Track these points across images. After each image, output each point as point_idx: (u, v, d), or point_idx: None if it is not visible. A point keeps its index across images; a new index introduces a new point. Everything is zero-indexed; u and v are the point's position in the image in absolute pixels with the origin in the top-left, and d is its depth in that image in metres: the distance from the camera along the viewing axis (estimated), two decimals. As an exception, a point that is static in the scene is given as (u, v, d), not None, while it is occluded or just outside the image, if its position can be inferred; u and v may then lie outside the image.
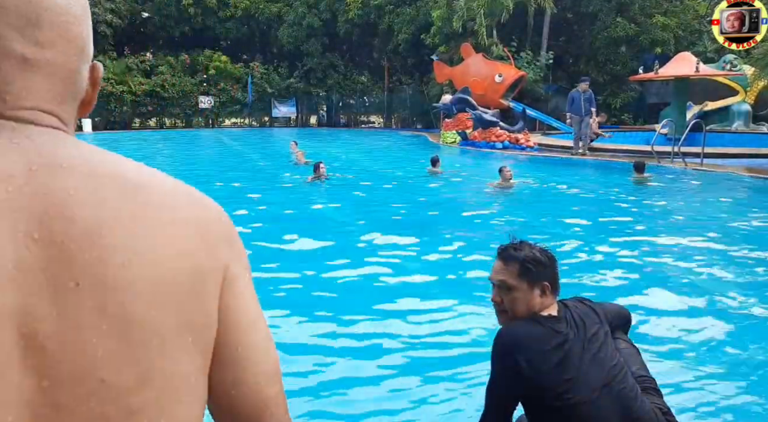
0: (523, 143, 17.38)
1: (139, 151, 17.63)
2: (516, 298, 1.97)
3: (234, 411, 0.71)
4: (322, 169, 10.66)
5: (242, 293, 0.72)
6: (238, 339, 0.70)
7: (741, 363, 3.40)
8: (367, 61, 34.97)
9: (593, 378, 1.86)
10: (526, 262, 1.96)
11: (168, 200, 0.66)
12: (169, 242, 0.63)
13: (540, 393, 1.88)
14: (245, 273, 0.73)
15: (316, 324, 3.97)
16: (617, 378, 1.90)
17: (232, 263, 0.70)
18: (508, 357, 1.87)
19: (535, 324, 1.93)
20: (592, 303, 2.13)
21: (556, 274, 2.03)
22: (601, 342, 1.95)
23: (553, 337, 1.89)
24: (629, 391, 1.90)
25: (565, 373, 1.85)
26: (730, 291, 4.61)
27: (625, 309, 2.35)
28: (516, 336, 1.91)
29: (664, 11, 25.64)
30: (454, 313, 4.15)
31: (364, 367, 3.34)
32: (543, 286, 1.98)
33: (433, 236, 6.67)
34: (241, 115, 34.71)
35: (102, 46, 30.96)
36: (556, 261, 2.06)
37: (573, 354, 1.88)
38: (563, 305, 2.04)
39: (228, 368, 0.69)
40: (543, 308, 1.99)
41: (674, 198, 9.57)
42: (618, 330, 2.24)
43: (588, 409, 1.84)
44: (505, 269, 1.99)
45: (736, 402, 2.95)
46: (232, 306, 0.69)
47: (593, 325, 1.98)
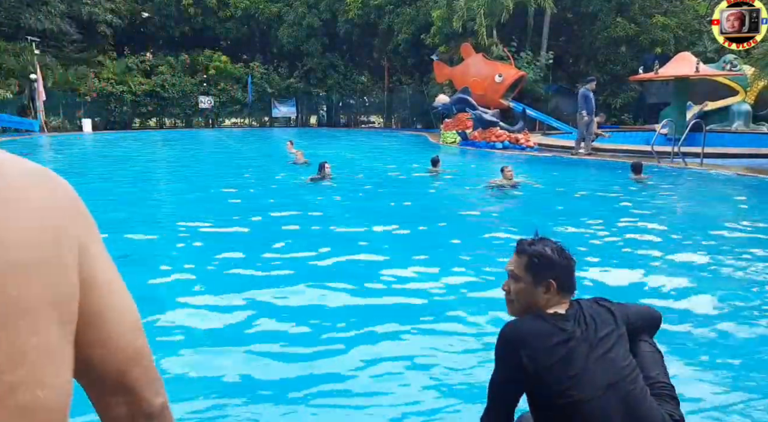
0: (523, 143, 17.38)
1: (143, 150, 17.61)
2: (521, 289, 2.03)
3: (106, 368, 0.76)
4: (327, 169, 10.55)
5: (97, 258, 0.76)
6: (101, 300, 0.75)
7: (741, 363, 3.40)
8: (367, 61, 34.97)
9: (598, 378, 1.86)
10: (534, 257, 2.01)
11: (18, 180, 0.68)
12: (24, 221, 0.66)
13: (542, 390, 1.89)
14: (97, 240, 0.77)
15: (315, 325, 3.97)
16: (626, 380, 1.89)
17: (85, 232, 0.74)
18: (510, 351, 1.90)
19: (540, 321, 1.95)
20: (611, 304, 2.11)
21: (567, 274, 2.03)
22: (612, 344, 1.94)
23: (557, 334, 1.90)
24: (638, 394, 1.89)
25: (569, 371, 1.86)
26: (731, 291, 4.61)
27: (656, 312, 2.28)
28: (519, 331, 1.93)
29: (664, 11, 25.65)
30: (455, 313, 4.15)
31: (366, 367, 3.34)
32: (548, 283, 1.99)
33: (434, 236, 6.67)
34: (241, 115, 34.72)
35: (102, 46, 30.98)
36: (570, 260, 2.06)
37: (578, 352, 1.89)
38: (577, 304, 2.04)
39: (95, 329, 0.74)
40: (548, 304, 2.00)
41: (674, 198, 9.57)
42: (644, 332, 2.19)
43: (591, 408, 1.85)
44: (516, 260, 2.06)
45: (737, 402, 2.95)
46: (90, 272, 0.73)
47: (606, 326, 1.98)
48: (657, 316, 2.28)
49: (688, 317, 4.10)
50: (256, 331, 3.85)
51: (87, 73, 28.88)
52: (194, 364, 3.36)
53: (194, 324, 3.96)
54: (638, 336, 2.16)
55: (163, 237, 6.63)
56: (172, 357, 3.44)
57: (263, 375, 3.26)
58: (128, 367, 0.78)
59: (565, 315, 1.97)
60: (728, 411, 2.86)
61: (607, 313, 2.04)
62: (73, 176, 12.45)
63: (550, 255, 2.02)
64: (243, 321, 4.00)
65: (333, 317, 4.09)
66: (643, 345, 2.15)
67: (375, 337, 3.75)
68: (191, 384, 3.14)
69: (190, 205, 8.69)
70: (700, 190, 10.43)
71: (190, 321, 4.00)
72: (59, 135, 25.76)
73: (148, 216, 7.83)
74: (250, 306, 4.29)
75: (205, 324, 3.96)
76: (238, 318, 4.05)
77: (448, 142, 20.18)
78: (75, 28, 29.09)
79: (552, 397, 1.88)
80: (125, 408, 0.80)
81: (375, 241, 6.40)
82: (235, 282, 4.85)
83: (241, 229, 7.02)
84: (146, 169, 13.77)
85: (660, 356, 2.18)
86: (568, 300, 2.04)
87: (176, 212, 8.21)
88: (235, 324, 3.96)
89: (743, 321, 4.02)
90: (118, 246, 6.16)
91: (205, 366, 3.34)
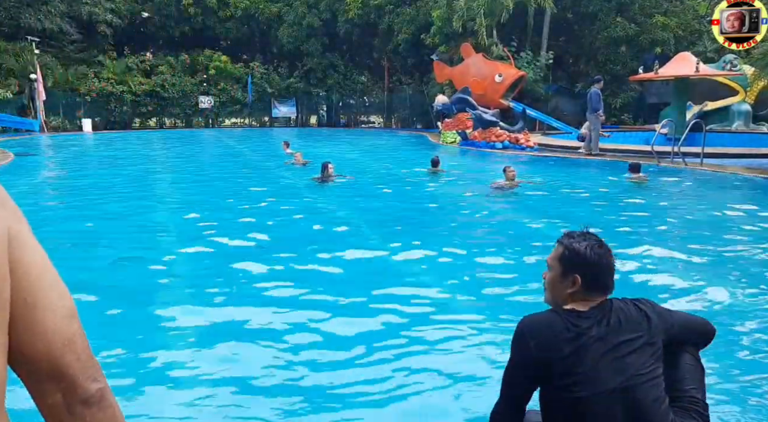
0: (523, 143, 17.38)
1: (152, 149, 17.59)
2: (551, 278, 2.09)
3: (38, 354, 0.77)
4: (330, 169, 10.35)
5: (26, 245, 0.76)
6: (33, 286, 0.75)
7: (742, 363, 3.40)
8: (367, 61, 34.97)
9: (606, 379, 1.86)
10: (567, 249, 2.05)
11: None
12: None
13: (548, 384, 1.92)
14: (24, 228, 0.78)
15: (316, 322, 3.97)
16: (637, 388, 1.87)
17: (11, 222, 0.75)
18: (521, 340, 1.95)
19: (553, 315, 2.00)
20: (652, 309, 2.04)
21: (597, 272, 2.00)
22: (633, 348, 1.92)
23: (569, 330, 1.92)
24: (648, 403, 1.86)
25: (576, 367, 1.87)
26: (731, 291, 4.61)
27: (709, 325, 2.20)
28: (531, 322, 1.98)
29: (664, 11, 25.65)
30: (457, 313, 4.15)
31: (368, 367, 3.34)
32: (574, 278, 2.01)
33: (435, 236, 6.67)
34: (241, 115, 34.73)
35: (102, 46, 30.98)
36: (604, 260, 2.02)
37: (589, 350, 1.89)
38: (609, 303, 2.02)
39: (26, 315, 0.75)
40: (572, 299, 2.01)
41: (673, 198, 9.57)
42: (690, 343, 2.15)
43: (595, 408, 1.85)
44: (554, 250, 2.11)
45: (739, 403, 2.95)
46: (20, 260, 0.74)
47: (632, 331, 1.95)
48: (710, 330, 2.20)
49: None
50: (256, 330, 3.85)
51: (87, 72, 28.90)
52: (193, 361, 3.36)
53: (194, 322, 3.96)
54: (683, 346, 2.12)
55: (164, 238, 6.63)
56: (173, 356, 3.44)
57: (263, 374, 3.25)
58: (61, 353, 0.78)
59: (583, 313, 1.96)
60: (728, 412, 2.86)
61: (642, 318, 2.00)
62: (73, 176, 12.45)
63: (582, 250, 2.02)
64: (242, 321, 4.00)
65: (332, 317, 4.09)
66: (684, 356, 2.11)
67: (375, 337, 3.75)
68: (190, 383, 3.14)
69: (190, 205, 8.68)
70: (700, 189, 10.43)
71: (191, 321, 4.00)
72: (59, 135, 25.77)
73: (149, 216, 7.83)
74: (250, 306, 4.29)
75: (205, 322, 3.96)
76: (237, 318, 4.05)
77: (448, 142, 20.18)
78: (75, 27, 29.10)
79: (557, 392, 1.90)
80: (60, 396, 0.79)
81: (375, 241, 6.40)
82: (236, 282, 4.85)
83: (240, 230, 7.01)
84: (146, 169, 13.77)
85: (701, 370, 2.13)
86: (596, 299, 2.01)
87: (176, 213, 8.21)
88: (234, 323, 3.96)
89: (743, 320, 4.01)
90: (119, 245, 6.16)
91: (204, 364, 3.34)
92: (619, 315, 1.97)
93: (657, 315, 2.03)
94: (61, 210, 8.71)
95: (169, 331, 3.86)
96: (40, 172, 13.65)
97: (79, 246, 6.16)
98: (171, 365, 3.36)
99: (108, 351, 3.47)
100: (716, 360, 3.36)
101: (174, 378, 3.21)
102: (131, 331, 3.85)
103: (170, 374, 3.25)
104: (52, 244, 6.36)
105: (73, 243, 6.36)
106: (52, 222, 7.48)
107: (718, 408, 2.87)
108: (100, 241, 6.36)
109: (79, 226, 7.13)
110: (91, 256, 5.75)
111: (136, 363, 3.37)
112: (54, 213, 8.30)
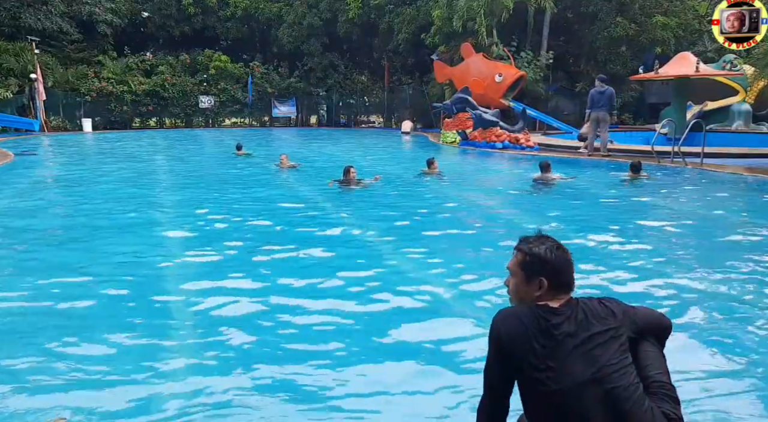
0: (523, 143, 17.38)
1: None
2: (515, 284, 2.12)
3: None
4: (353, 173, 9.82)
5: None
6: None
7: (741, 362, 3.40)
8: (367, 61, 34.97)
9: (578, 372, 1.91)
10: (528, 255, 2.08)
11: None
12: None
13: (522, 375, 1.96)
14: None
15: (317, 323, 3.97)
16: (609, 378, 1.92)
17: None
18: (493, 332, 2.00)
19: (526, 308, 2.04)
20: (616, 305, 2.11)
21: (560, 272, 2.06)
22: (602, 341, 1.98)
23: (540, 322, 1.97)
24: (621, 392, 1.91)
25: (548, 361, 1.92)
26: (731, 291, 4.61)
27: (665, 319, 2.25)
28: (503, 314, 2.03)
29: (664, 11, 25.64)
30: (457, 313, 4.15)
31: (369, 366, 3.34)
32: (540, 281, 2.05)
33: (435, 236, 6.67)
34: (241, 115, 34.73)
35: (102, 46, 30.98)
36: (564, 259, 2.08)
37: (560, 344, 1.94)
38: (576, 302, 2.07)
39: None
40: (541, 300, 2.05)
41: (673, 197, 9.56)
42: (650, 336, 2.19)
43: (567, 400, 1.90)
44: (514, 257, 2.14)
45: (739, 403, 2.95)
46: None
47: (600, 324, 2.01)
48: (665, 324, 2.25)
49: (689, 316, 4.10)
50: (257, 330, 3.85)
51: (87, 72, 28.90)
52: (192, 359, 3.36)
53: (198, 322, 3.96)
54: (644, 338, 2.17)
55: (166, 238, 6.64)
56: (172, 355, 3.44)
57: (263, 374, 3.26)
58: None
59: (555, 309, 2.02)
60: (729, 411, 2.86)
61: (607, 312, 2.06)
62: (73, 176, 12.45)
63: (543, 254, 2.06)
64: (243, 321, 4.00)
65: (330, 318, 4.09)
66: (644, 344, 2.16)
67: (375, 337, 3.75)
68: (188, 382, 3.14)
69: (189, 205, 8.69)
70: (701, 189, 10.43)
71: (192, 321, 4.00)
72: (59, 134, 25.76)
73: (149, 217, 7.83)
74: (250, 304, 4.30)
75: (209, 320, 3.96)
76: (238, 317, 4.06)
77: (448, 142, 20.18)
78: (75, 27, 29.11)
79: (532, 385, 1.94)
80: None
81: (374, 241, 6.40)
82: (235, 283, 4.85)
83: (239, 230, 7.02)
84: (147, 169, 13.76)
85: (661, 355, 2.18)
86: (563, 297, 2.07)
87: (176, 212, 8.21)
88: (235, 322, 3.96)
89: (744, 320, 4.01)
90: (121, 245, 6.16)
91: (205, 362, 3.34)
92: (586, 312, 2.03)
93: (621, 312, 2.10)
94: (60, 208, 8.72)
95: (169, 330, 3.86)
96: (40, 171, 13.66)
97: (78, 242, 6.17)
98: (170, 363, 3.36)
99: (108, 347, 3.48)
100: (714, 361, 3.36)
101: (171, 373, 3.21)
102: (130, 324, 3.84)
103: (166, 370, 3.25)
104: (51, 242, 6.37)
105: (72, 239, 6.39)
106: (52, 221, 7.50)
107: (717, 401, 2.88)
108: (100, 240, 6.36)
109: (78, 223, 7.15)
110: (90, 255, 5.74)
111: (132, 357, 3.37)
112: (53, 212, 8.31)
